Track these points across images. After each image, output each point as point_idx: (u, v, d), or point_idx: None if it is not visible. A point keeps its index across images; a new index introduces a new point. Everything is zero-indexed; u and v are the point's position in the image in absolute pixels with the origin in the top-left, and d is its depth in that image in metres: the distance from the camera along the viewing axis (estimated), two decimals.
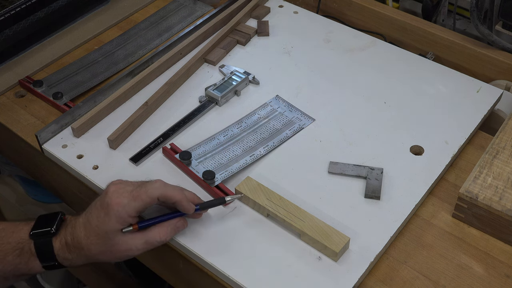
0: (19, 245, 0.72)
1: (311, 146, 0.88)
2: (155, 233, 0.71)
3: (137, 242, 0.70)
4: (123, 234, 0.70)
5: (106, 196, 0.69)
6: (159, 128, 0.91)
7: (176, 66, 1.02)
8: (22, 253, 0.72)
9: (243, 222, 0.78)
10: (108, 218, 0.68)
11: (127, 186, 0.71)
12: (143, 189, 0.70)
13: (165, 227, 0.72)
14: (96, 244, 0.70)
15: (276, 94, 0.97)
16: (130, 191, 0.70)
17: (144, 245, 0.71)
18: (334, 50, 1.05)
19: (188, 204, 0.72)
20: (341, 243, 0.72)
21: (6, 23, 1.02)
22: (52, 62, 1.06)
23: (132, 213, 0.69)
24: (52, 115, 0.95)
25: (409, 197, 0.80)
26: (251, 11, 1.13)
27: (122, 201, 0.68)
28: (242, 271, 0.72)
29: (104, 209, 0.69)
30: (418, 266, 0.74)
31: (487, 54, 1.02)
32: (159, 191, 0.70)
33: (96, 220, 0.69)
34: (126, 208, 0.68)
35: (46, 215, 0.74)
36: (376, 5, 1.13)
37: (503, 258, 0.75)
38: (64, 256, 0.72)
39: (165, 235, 0.72)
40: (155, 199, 0.70)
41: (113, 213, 0.68)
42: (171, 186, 0.72)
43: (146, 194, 0.69)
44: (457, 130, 0.89)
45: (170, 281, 0.88)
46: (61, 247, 0.71)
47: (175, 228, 0.73)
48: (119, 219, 0.69)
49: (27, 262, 0.72)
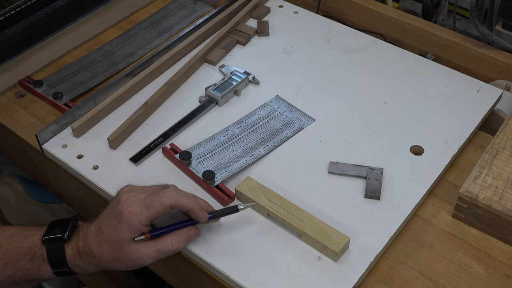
0: (31, 251, 0.71)
1: (311, 146, 0.88)
2: (167, 241, 0.71)
3: (149, 250, 0.70)
4: (135, 243, 0.69)
5: (118, 205, 0.68)
6: (159, 128, 0.91)
7: (176, 66, 1.02)
8: (34, 259, 0.71)
9: (243, 222, 0.77)
10: (120, 227, 0.68)
11: (139, 193, 0.70)
12: (156, 197, 0.69)
13: (177, 236, 0.71)
14: (108, 253, 0.69)
15: (276, 94, 0.97)
16: (142, 199, 0.69)
17: (156, 254, 0.70)
18: (334, 50, 1.05)
19: (201, 213, 0.71)
20: (341, 243, 0.72)
21: (6, 23, 1.02)
22: (52, 62, 1.06)
23: (145, 222, 0.68)
24: (52, 115, 0.95)
25: (409, 197, 0.80)
26: (251, 11, 1.13)
27: (134, 210, 0.68)
28: (242, 271, 0.72)
29: (116, 218, 0.68)
30: (418, 266, 0.74)
31: (487, 54, 1.02)
32: (172, 200, 0.69)
33: (108, 228, 0.69)
34: (138, 217, 0.68)
35: (58, 221, 0.73)
36: (376, 5, 1.13)
37: (503, 258, 0.75)
38: (76, 263, 0.71)
39: (178, 243, 0.71)
40: (168, 207, 0.69)
41: (125, 222, 0.68)
42: (184, 194, 0.71)
43: (159, 203, 0.68)
44: (457, 130, 0.89)
45: (170, 281, 0.88)
46: (73, 254, 0.71)
47: (188, 237, 0.72)
48: (132, 228, 0.68)
49: (39, 267, 0.71)
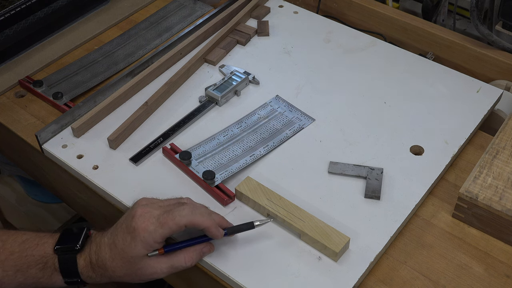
0: (43, 259, 0.71)
1: (311, 146, 0.88)
2: (180, 258, 0.71)
3: (162, 266, 0.70)
4: (149, 258, 0.69)
5: (132, 220, 0.68)
6: (159, 128, 0.91)
7: (176, 66, 1.02)
8: (46, 268, 0.71)
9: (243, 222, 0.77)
10: (134, 243, 0.68)
11: (154, 209, 0.69)
12: (171, 216, 0.69)
13: (191, 252, 0.71)
14: (121, 267, 0.69)
15: (276, 94, 0.97)
16: (157, 216, 0.69)
17: (169, 269, 0.70)
18: (334, 50, 1.05)
19: (216, 230, 0.71)
20: (341, 243, 0.72)
21: (6, 23, 1.02)
22: (52, 62, 1.06)
23: (158, 240, 0.68)
24: (52, 115, 0.95)
25: (409, 197, 0.80)
26: (251, 11, 1.13)
27: (148, 227, 0.68)
28: (242, 271, 0.72)
29: (130, 234, 0.68)
30: (418, 266, 0.74)
31: (487, 54, 1.02)
32: (186, 219, 0.69)
33: (122, 243, 0.69)
34: (152, 234, 0.68)
35: (71, 229, 0.73)
36: (376, 5, 1.13)
37: (503, 258, 0.75)
38: (87, 274, 0.71)
39: (191, 260, 0.71)
40: (182, 226, 0.69)
41: (139, 239, 0.68)
42: (199, 211, 0.70)
43: (173, 222, 0.68)
44: (457, 130, 0.89)
45: (170, 281, 0.88)
46: (85, 265, 0.71)
47: (201, 254, 0.72)
48: (145, 245, 0.68)
49: (50, 276, 0.71)
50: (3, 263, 0.70)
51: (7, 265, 0.70)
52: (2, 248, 0.71)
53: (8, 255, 0.71)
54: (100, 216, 0.90)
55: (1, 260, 0.71)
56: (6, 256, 0.71)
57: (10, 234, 0.73)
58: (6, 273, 0.70)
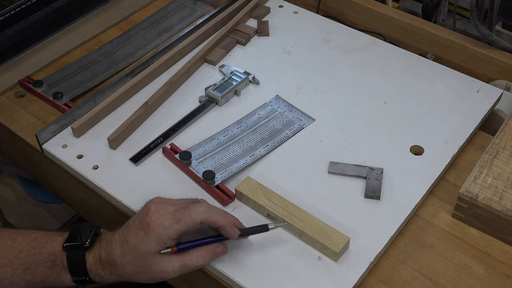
0: (52, 257, 0.70)
1: (311, 146, 0.88)
2: (193, 257, 0.69)
3: (174, 264, 0.68)
4: (161, 255, 0.68)
5: (146, 216, 0.67)
6: (159, 128, 0.91)
7: (176, 66, 1.02)
8: (54, 265, 0.70)
9: (243, 223, 0.77)
10: (147, 239, 0.66)
11: (168, 206, 0.68)
12: (187, 212, 0.67)
13: (204, 252, 0.70)
14: (132, 264, 0.68)
15: (276, 94, 0.97)
16: (172, 212, 0.67)
17: (181, 268, 0.69)
18: (334, 50, 1.05)
19: (232, 230, 0.70)
20: (341, 243, 0.72)
21: (6, 23, 1.02)
22: (52, 62, 1.06)
23: (173, 236, 0.67)
24: (52, 115, 0.95)
25: (409, 197, 0.80)
26: (251, 11, 1.13)
27: (163, 223, 0.66)
28: (242, 271, 0.72)
29: (144, 229, 0.67)
30: (418, 266, 0.74)
31: (487, 54, 1.02)
32: (203, 216, 0.68)
33: (135, 239, 0.67)
34: (167, 230, 0.66)
35: (80, 227, 0.72)
36: (376, 5, 1.13)
37: (503, 258, 0.75)
38: (96, 272, 0.70)
39: (203, 259, 0.69)
40: (198, 223, 0.67)
41: (153, 234, 0.66)
42: (215, 210, 0.70)
43: (190, 218, 0.67)
44: (457, 130, 0.89)
45: (170, 280, 0.88)
46: (94, 262, 0.69)
47: (214, 254, 0.71)
48: (159, 241, 0.66)
49: (58, 274, 0.70)
50: (13, 262, 0.70)
51: (16, 263, 0.70)
52: (12, 246, 0.71)
53: (17, 253, 0.70)
54: (100, 216, 0.90)
55: (11, 259, 0.70)
56: (15, 255, 0.70)
57: (19, 233, 0.73)
58: (16, 271, 0.70)
